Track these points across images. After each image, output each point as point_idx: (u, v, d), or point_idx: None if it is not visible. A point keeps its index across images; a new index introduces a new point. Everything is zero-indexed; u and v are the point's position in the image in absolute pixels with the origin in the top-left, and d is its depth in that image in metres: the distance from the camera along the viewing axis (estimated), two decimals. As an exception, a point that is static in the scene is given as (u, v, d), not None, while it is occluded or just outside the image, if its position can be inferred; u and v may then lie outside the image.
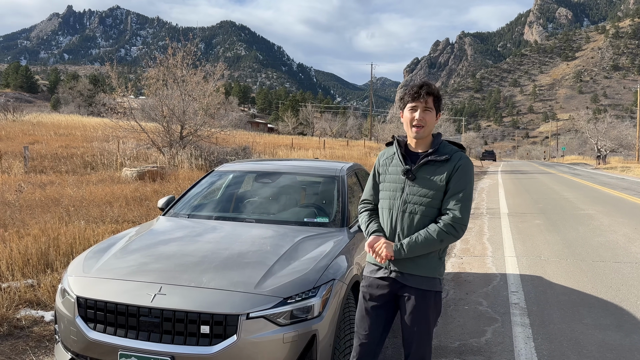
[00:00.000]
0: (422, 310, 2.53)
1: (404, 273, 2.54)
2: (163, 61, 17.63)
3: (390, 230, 2.59)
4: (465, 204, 2.50)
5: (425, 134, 2.57)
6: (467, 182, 2.52)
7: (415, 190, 2.53)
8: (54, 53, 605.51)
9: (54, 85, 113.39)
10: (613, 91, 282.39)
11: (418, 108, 2.53)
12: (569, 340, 4.29)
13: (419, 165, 2.54)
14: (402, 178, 2.57)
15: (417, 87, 2.57)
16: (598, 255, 7.57)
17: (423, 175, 2.53)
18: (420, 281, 2.53)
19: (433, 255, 2.54)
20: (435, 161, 2.52)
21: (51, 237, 6.12)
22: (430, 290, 2.53)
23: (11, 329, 4.23)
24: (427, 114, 2.54)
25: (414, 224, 2.52)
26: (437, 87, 2.61)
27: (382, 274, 2.60)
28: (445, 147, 2.60)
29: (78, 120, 39.61)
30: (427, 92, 2.54)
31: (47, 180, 12.13)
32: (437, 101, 2.58)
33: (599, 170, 43.52)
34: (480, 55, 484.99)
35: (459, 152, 2.58)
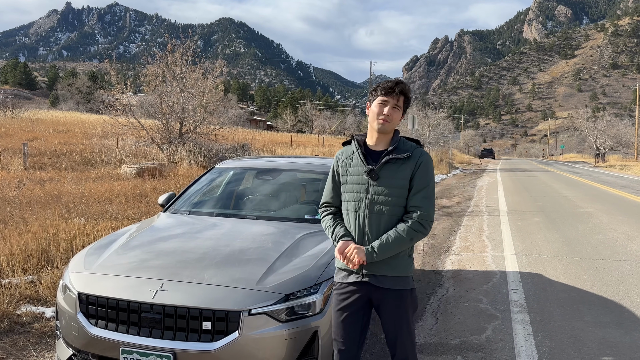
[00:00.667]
0: (401, 310, 2.54)
1: (378, 275, 2.52)
2: (162, 58, 17.60)
3: (359, 233, 2.54)
4: (430, 199, 2.51)
5: (388, 130, 2.55)
6: (430, 178, 2.53)
7: (381, 190, 2.50)
8: (52, 50, 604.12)
9: (53, 82, 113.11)
10: (612, 89, 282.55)
11: (388, 104, 2.53)
12: (569, 337, 4.30)
13: (381, 164, 2.51)
14: (365, 178, 2.52)
15: (393, 83, 2.57)
16: (598, 253, 7.59)
17: (386, 174, 2.50)
18: (395, 282, 2.52)
19: (403, 254, 2.54)
20: (397, 159, 2.51)
21: (51, 233, 6.11)
22: (405, 289, 2.54)
23: (12, 325, 4.23)
24: (395, 112, 2.53)
25: (382, 224, 2.50)
26: (409, 88, 2.63)
27: (355, 279, 2.56)
28: (404, 144, 2.59)
29: (77, 117, 39.56)
30: (401, 91, 2.54)
31: (47, 176, 12.11)
32: (407, 102, 2.59)
33: (598, 168, 43.57)
34: (479, 53, 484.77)
35: (419, 149, 2.58)
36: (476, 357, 3.92)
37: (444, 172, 29.44)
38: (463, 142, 78.67)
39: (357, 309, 2.58)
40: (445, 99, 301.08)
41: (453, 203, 14.57)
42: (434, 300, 5.33)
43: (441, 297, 5.44)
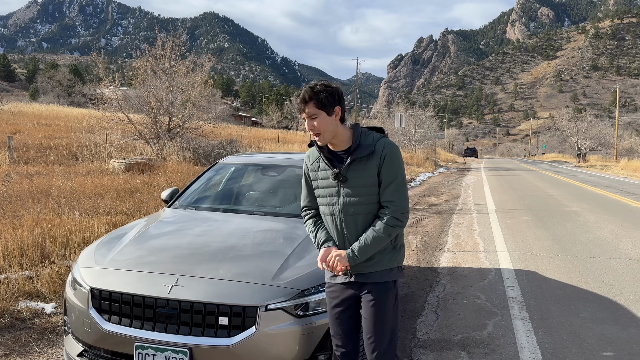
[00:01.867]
0: (382, 301, 2.49)
1: (365, 273, 2.50)
2: (151, 51, 17.40)
3: (338, 236, 2.52)
4: (401, 191, 2.43)
5: (329, 138, 2.44)
6: (397, 169, 2.43)
7: (351, 192, 2.43)
8: (32, 41, 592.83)
9: (32, 74, 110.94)
10: (592, 91, 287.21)
11: (306, 119, 2.42)
12: (568, 333, 4.38)
13: (346, 165, 2.42)
14: (334, 182, 2.46)
15: (298, 98, 2.43)
16: (588, 251, 7.73)
17: (354, 175, 2.42)
18: (380, 275, 2.50)
19: (386, 247, 2.49)
20: (360, 158, 2.41)
21: (46, 228, 6.03)
22: (388, 281, 2.51)
23: (12, 321, 4.17)
24: (315, 122, 2.39)
25: (360, 224, 2.46)
26: (317, 84, 2.42)
27: (343, 280, 2.55)
28: (366, 137, 2.46)
29: (59, 110, 38.91)
30: (302, 100, 2.40)
31: (34, 170, 11.92)
32: (321, 100, 2.37)
33: (580, 168, 44.30)
34: (463, 53, 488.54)
35: (381, 140, 2.45)
36: (480, 352, 3.98)
37: (430, 170, 29.66)
38: (447, 141, 79.36)
39: (349, 307, 2.56)
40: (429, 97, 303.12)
41: (441, 201, 14.70)
42: (432, 297, 5.38)
43: (439, 294, 5.50)
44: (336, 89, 2.43)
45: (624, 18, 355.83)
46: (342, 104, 2.46)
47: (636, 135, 76.39)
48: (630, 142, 68.03)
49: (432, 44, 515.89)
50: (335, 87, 2.44)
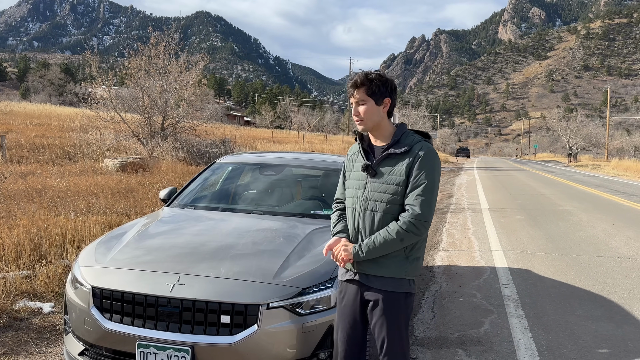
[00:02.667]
0: (390, 314, 2.37)
1: (368, 275, 2.40)
2: (145, 50, 17.34)
3: (354, 230, 2.45)
4: (426, 198, 2.29)
5: (369, 126, 2.40)
6: (428, 175, 2.31)
7: (376, 187, 2.37)
8: (22, 40, 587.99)
9: (23, 73, 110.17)
10: (583, 91, 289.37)
11: (353, 103, 2.40)
12: (564, 330, 4.43)
13: (379, 160, 2.38)
14: (364, 174, 2.41)
15: (349, 79, 2.42)
16: (581, 250, 7.81)
17: (384, 171, 2.36)
18: (384, 282, 2.37)
19: (397, 254, 2.36)
20: (394, 154, 2.35)
21: (41, 228, 6.00)
22: (397, 292, 2.37)
23: (10, 321, 4.16)
24: (361, 107, 2.37)
25: (376, 222, 2.37)
26: (372, 72, 2.39)
27: (349, 277, 2.47)
28: (407, 137, 2.40)
29: (51, 110, 38.64)
30: (354, 85, 2.38)
31: (28, 170, 11.85)
32: (372, 88, 2.35)
33: (571, 168, 44.62)
34: (455, 53, 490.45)
35: (420, 142, 2.38)
36: (477, 350, 4.02)
37: (423, 170, 29.73)
38: (440, 141, 79.68)
39: (354, 308, 2.47)
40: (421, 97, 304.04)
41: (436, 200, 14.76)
42: (428, 295, 5.42)
43: (435, 292, 5.54)
44: (390, 81, 2.41)
45: (615, 19, 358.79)
46: (394, 97, 2.42)
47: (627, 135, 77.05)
48: (621, 142, 68.59)
49: (425, 44, 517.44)
50: (390, 79, 2.42)
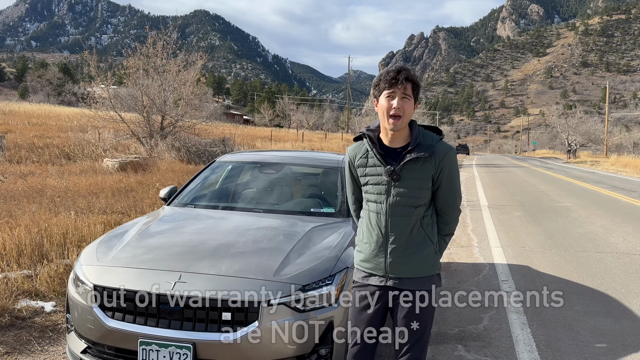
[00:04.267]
0: (424, 311, 2.39)
1: (402, 278, 2.38)
2: (143, 50, 17.35)
3: (380, 236, 2.38)
4: (457, 200, 2.45)
5: (403, 126, 2.30)
6: (455, 176, 2.40)
7: (403, 192, 2.30)
8: (20, 40, 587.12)
9: (22, 73, 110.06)
10: (582, 87, 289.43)
11: (396, 95, 2.25)
12: (562, 326, 4.47)
13: (402, 164, 2.30)
14: (384, 179, 2.33)
15: (395, 72, 2.26)
16: (580, 246, 7.84)
17: (408, 175, 2.30)
18: (419, 283, 2.39)
19: (429, 252, 2.38)
20: (419, 158, 2.29)
21: (42, 227, 6.03)
22: (431, 290, 2.40)
23: (13, 320, 4.18)
24: (405, 103, 2.26)
25: (406, 226, 2.34)
26: (415, 72, 2.34)
27: (378, 282, 2.43)
28: (425, 137, 2.35)
29: (50, 110, 38.65)
30: (406, 78, 2.26)
31: (27, 170, 11.87)
32: (416, 88, 2.31)
33: (570, 164, 44.68)
34: (454, 50, 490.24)
35: (442, 143, 2.36)
36: (476, 345, 4.05)
37: (423, 167, 29.75)
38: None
39: (377, 308, 2.46)
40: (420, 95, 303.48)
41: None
42: (428, 292, 5.45)
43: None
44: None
45: (613, 15, 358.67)
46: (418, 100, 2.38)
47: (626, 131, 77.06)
48: (620, 138, 68.65)
49: (423, 42, 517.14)
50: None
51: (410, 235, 2.37)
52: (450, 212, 2.45)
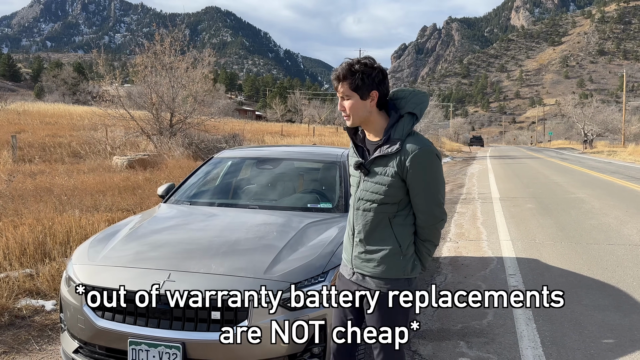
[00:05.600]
0: (386, 316, 2.28)
1: (365, 275, 2.30)
2: (151, 47, 17.39)
3: (350, 229, 2.36)
4: (432, 201, 2.21)
5: (357, 122, 2.23)
6: (425, 180, 2.17)
7: (369, 186, 2.24)
8: (36, 40, 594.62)
9: (37, 73, 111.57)
10: (599, 76, 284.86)
11: (339, 97, 2.24)
12: (569, 321, 4.35)
13: (371, 159, 2.23)
14: (357, 172, 2.30)
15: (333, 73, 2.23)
16: (592, 238, 7.67)
17: (376, 170, 2.22)
18: (379, 283, 2.27)
19: (393, 251, 2.24)
20: (384, 156, 2.19)
21: (46, 226, 6.05)
22: (393, 294, 2.25)
23: (12, 319, 4.19)
24: (346, 102, 2.20)
25: (369, 222, 2.26)
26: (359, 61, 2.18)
27: (346, 274, 2.40)
28: (397, 130, 2.20)
29: (64, 109, 39.05)
30: (336, 78, 2.20)
31: (37, 169, 11.97)
32: (356, 82, 2.15)
33: (586, 154, 44.00)
34: (467, 41, 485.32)
35: (410, 139, 2.18)
36: (479, 342, 3.96)
37: (435, 160, 29.54)
38: (452, 130, 78.99)
39: (351, 305, 2.41)
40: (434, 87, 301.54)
41: (445, 191, 14.62)
42: (432, 287, 5.36)
43: (440, 284, 5.48)
44: (378, 71, 2.19)
45: (630, 1, 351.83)
46: (382, 88, 2.20)
47: (644, 119, 75.61)
48: (638, 127, 67.47)
49: (436, 33, 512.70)
50: (378, 67, 2.19)
51: (374, 232, 2.27)
52: (422, 217, 2.25)
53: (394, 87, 2.44)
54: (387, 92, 2.25)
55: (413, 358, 3.68)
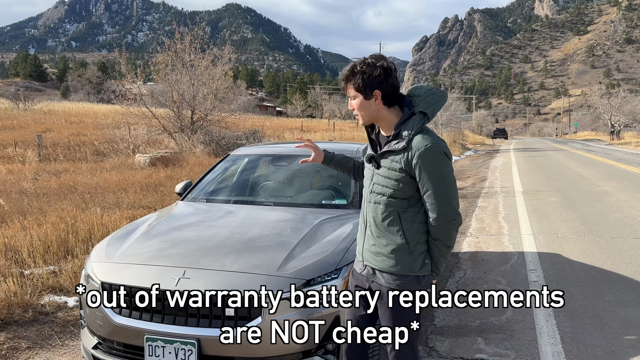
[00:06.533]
0: (397, 315, 2.27)
1: (374, 269, 2.32)
2: (171, 46, 17.57)
3: (362, 221, 2.41)
4: (440, 199, 2.18)
5: (367, 121, 2.28)
6: (432, 178, 2.16)
7: (380, 180, 2.28)
8: (61, 41, 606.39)
9: (63, 73, 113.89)
10: (626, 65, 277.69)
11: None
12: (590, 317, 4.27)
13: (380, 153, 2.26)
14: (370, 165, 2.35)
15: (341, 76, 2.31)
16: (616, 232, 7.50)
17: (385, 164, 2.26)
18: (388, 279, 2.28)
19: (400, 247, 2.24)
20: (391, 151, 2.21)
21: (69, 224, 6.18)
22: (400, 290, 2.25)
23: (36, 315, 4.30)
24: (353, 102, 2.27)
25: (378, 215, 2.28)
26: (364, 60, 2.21)
27: (359, 268, 2.44)
28: (407, 126, 2.20)
29: (88, 108, 39.78)
30: (342, 80, 2.28)
31: (62, 168, 12.23)
32: (357, 83, 2.20)
33: (613, 146, 42.99)
34: (490, 32, 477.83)
35: (417, 137, 2.16)
36: (497, 338, 3.91)
37: (457, 154, 29.25)
38: (475, 123, 77.94)
39: (363, 301, 2.40)
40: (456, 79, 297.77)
41: (467, 185, 14.48)
42: (451, 283, 5.32)
43: (459, 279, 5.43)
44: (380, 70, 2.18)
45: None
46: (385, 87, 2.19)
47: (674, 109, 73.36)
48: (668, 117, 65.48)
49: (458, 24, 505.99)
50: (380, 66, 2.18)
51: (383, 225, 2.28)
52: (432, 216, 2.22)
53: (415, 80, 2.43)
54: (393, 89, 2.23)
55: (430, 355, 3.66)
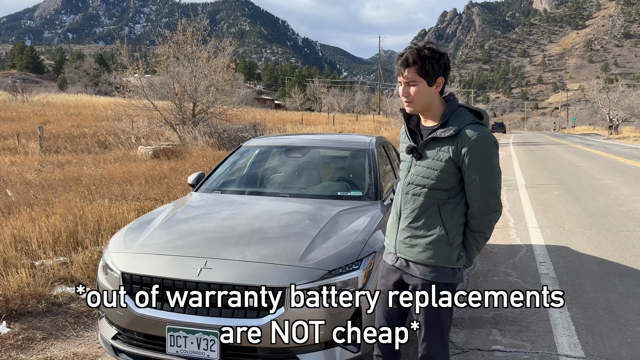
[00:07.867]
0: (431, 306, 2.25)
1: (409, 261, 2.29)
2: (173, 37, 17.47)
3: (396, 214, 2.35)
4: (487, 189, 2.15)
5: (418, 108, 2.21)
6: (481, 169, 2.12)
7: (420, 171, 2.22)
8: (57, 32, 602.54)
9: (60, 65, 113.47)
10: (624, 60, 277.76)
11: (402, 82, 2.18)
12: (604, 309, 4.28)
13: (424, 142, 2.20)
14: (409, 156, 2.29)
15: (398, 55, 2.18)
16: (622, 225, 7.52)
17: (428, 154, 2.20)
18: (423, 271, 2.25)
19: (440, 239, 2.21)
20: (439, 138, 2.16)
21: (77, 215, 6.15)
22: (439, 283, 2.23)
23: (49, 306, 4.28)
24: (412, 89, 2.15)
25: (417, 207, 2.24)
26: (425, 46, 2.13)
27: (390, 261, 2.40)
28: (457, 117, 2.18)
29: (87, 100, 39.62)
30: (404, 63, 2.13)
31: (64, 159, 12.18)
32: (425, 67, 2.11)
33: (612, 140, 43.08)
34: (488, 26, 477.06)
35: (472, 126, 2.13)
36: (512, 329, 3.92)
37: (457, 147, 29.26)
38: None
39: (393, 290, 2.37)
40: (454, 73, 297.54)
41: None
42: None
43: (469, 272, 5.43)
44: (445, 56, 2.16)
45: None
46: (447, 75, 2.18)
47: (672, 104, 73.42)
48: (666, 112, 65.54)
49: (456, 18, 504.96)
50: (445, 54, 2.16)
51: (421, 217, 2.25)
52: (476, 206, 2.19)
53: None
54: (448, 78, 2.23)
55: (446, 346, 3.67)
